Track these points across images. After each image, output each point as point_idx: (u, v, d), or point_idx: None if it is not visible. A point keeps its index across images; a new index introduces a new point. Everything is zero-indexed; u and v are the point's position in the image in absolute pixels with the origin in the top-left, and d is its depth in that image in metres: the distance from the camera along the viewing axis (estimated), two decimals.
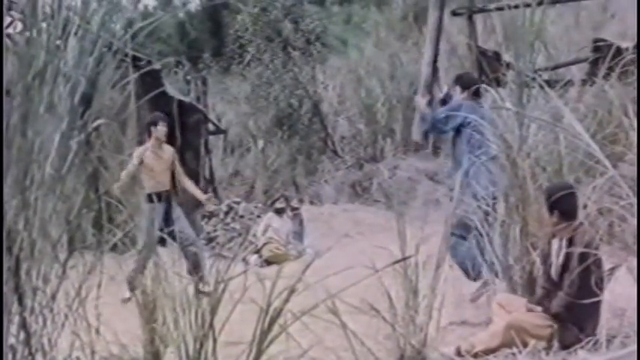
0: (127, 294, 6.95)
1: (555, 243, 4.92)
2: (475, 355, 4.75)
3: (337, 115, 17.14)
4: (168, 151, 8.34)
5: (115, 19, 3.70)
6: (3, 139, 3.09)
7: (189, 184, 8.57)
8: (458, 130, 6.59)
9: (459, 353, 4.74)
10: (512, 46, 6.03)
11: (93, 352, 3.59)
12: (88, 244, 3.78)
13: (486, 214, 5.82)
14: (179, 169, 8.39)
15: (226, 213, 12.46)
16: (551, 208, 4.88)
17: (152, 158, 8.11)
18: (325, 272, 3.94)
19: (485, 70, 8.07)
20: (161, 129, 8.21)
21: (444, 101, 7.00)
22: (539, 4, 5.89)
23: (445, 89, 7.28)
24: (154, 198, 7.99)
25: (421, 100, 7.32)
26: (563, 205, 4.84)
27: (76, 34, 3.38)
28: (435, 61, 8.60)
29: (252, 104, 16.83)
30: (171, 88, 13.49)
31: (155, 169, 8.09)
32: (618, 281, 5.08)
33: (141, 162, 8.00)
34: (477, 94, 6.72)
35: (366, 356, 4.20)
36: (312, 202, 14.26)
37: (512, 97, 5.86)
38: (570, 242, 4.78)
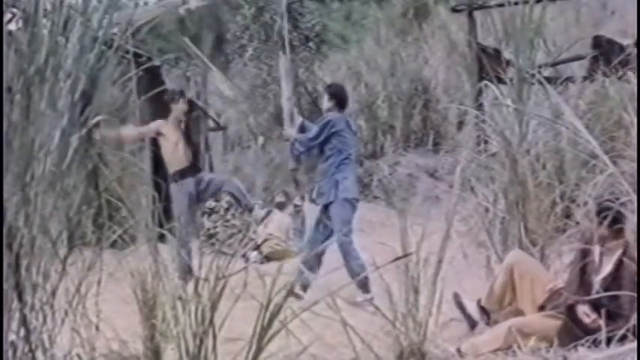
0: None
1: (597, 252, 4.86)
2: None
3: None
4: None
5: (116, 15, 3.69)
6: (3, 136, 3.10)
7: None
8: (326, 142, 7.19)
9: (459, 354, 4.73)
10: (512, 42, 6.03)
11: (93, 349, 3.59)
12: (87, 240, 3.77)
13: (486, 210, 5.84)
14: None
15: (226, 209, 12.45)
16: (607, 222, 4.76)
17: (172, 130, 7.97)
18: (326, 268, 3.95)
19: (485, 66, 8.08)
20: (181, 107, 8.02)
21: (302, 130, 7.65)
22: (539, 0, 5.89)
23: (299, 120, 7.92)
24: (178, 177, 7.88)
25: (290, 131, 7.83)
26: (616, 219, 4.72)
27: (76, 30, 3.39)
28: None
29: (251, 103, 16.82)
30: (172, 84, 13.48)
31: (172, 142, 7.96)
32: None
33: (159, 134, 7.92)
34: (342, 106, 7.40)
35: (366, 352, 4.20)
36: (312, 199, 14.26)
37: (513, 93, 5.86)
38: (624, 254, 4.71)
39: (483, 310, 5.28)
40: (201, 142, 14.05)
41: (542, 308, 4.95)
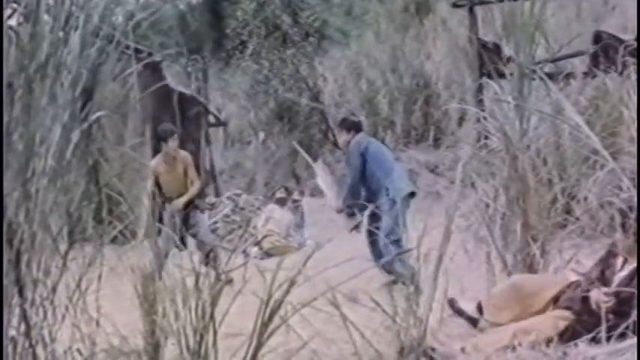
0: None
1: (619, 261, 4.84)
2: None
3: (338, 107, 17.08)
4: (182, 160, 8.09)
5: (117, 11, 3.70)
6: (4, 132, 3.10)
7: (193, 189, 8.13)
8: (364, 165, 7.31)
9: (463, 352, 4.72)
10: (513, 38, 6.02)
11: (93, 344, 3.59)
12: (88, 236, 3.78)
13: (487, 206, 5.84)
14: (193, 174, 8.15)
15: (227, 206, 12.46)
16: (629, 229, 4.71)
17: (165, 171, 7.91)
18: (326, 264, 3.95)
19: (486, 62, 8.07)
20: (172, 145, 7.92)
21: None
22: None
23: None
24: (166, 201, 7.85)
25: (337, 202, 7.86)
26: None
27: (77, 26, 3.39)
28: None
29: (252, 100, 16.81)
30: (173, 80, 13.48)
31: (168, 179, 7.89)
32: None
33: (158, 171, 7.86)
34: (358, 130, 7.59)
35: (366, 348, 4.21)
36: (312, 194, 14.25)
37: (514, 89, 5.85)
38: None
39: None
40: (202, 137, 14.06)
41: (556, 300, 4.93)
